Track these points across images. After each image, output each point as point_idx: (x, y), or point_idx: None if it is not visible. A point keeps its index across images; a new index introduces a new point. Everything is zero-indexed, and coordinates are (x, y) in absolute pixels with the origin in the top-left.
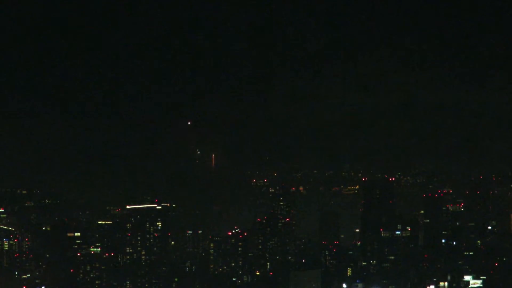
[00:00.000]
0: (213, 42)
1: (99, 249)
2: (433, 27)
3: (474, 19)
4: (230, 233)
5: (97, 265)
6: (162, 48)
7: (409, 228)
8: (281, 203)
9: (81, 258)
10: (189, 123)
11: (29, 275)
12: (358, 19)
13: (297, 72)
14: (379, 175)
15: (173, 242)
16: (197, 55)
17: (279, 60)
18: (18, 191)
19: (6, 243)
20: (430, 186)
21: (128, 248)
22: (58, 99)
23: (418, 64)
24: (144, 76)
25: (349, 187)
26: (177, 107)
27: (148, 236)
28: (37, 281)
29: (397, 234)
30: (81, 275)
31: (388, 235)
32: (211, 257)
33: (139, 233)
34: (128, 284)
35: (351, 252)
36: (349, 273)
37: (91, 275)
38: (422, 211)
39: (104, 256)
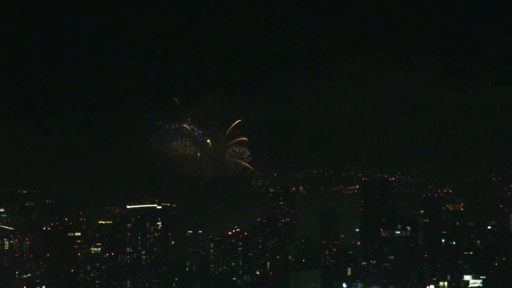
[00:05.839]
0: (212, 41)
1: (99, 249)
2: (433, 27)
3: (474, 19)
4: (230, 233)
5: (97, 265)
6: (162, 47)
7: (409, 228)
8: (281, 203)
9: (81, 258)
10: (187, 122)
11: (29, 274)
12: (358, 19)
13: (297, 72)
14: (379, 175)
15: (173, 242)
16: (196, 54)
17: (279, 60)
18: (18, 191)
19: (6, 243)
20: (430, 186)
21: (128, 248)
22: (58, 99)
23: (418, 64)
24: (144, 76)
25: (349, 187)
26: (176, 107)
27: (148, 236)
28: (37, 280)
29: (397, 234)
30: (81, 274)
31: (388, 235)
32: (211, 257)
33: (139, 233)
34: (128, 284)
35: (351, 252)
36: (349, 273)
37: (91, 275)
38: (422, 211)
39: (104, 256)
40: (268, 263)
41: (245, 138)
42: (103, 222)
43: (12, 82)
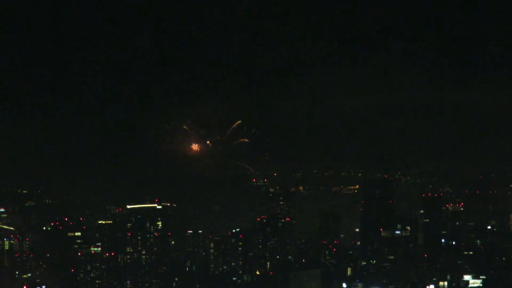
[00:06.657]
0: (210, 41)
1: (99, 249)
2: (432, 27)
3: (474, 19)
4: (230, 233)
5: (97, 265)
6: (162, 47)
7: (408, 228)
8: (281, 203)
9: (81, 257)
10: (187, 122)
11: (29, 274)
12: (358, 19)
13: (297, 72)
14: (379, 175)
15: (173, 242)
16: (196, 54)
17: (279, 60)
18: (19, 191)
19: (6, 242)
20: (430, 186)
21: (128, 248)
22: (57, 99)
23: (418, 64)
24: (144, 76)
25: (349, 187)
26: (175, 108)
27: (148, 236)
28: (37, 280)
29: (397, 233)
30: (81, 274)
31: (388, 235)
32: (211, 257)
33: (139, 233)
34: (128, 284)
35: (351, 252)
36: (349, 273)
37: (91, 275)
38: (422, 211)
39: (104, 256)
40: (268, 263)
41: (245, 139)
42: (103, 222)
43: (12, 81)
